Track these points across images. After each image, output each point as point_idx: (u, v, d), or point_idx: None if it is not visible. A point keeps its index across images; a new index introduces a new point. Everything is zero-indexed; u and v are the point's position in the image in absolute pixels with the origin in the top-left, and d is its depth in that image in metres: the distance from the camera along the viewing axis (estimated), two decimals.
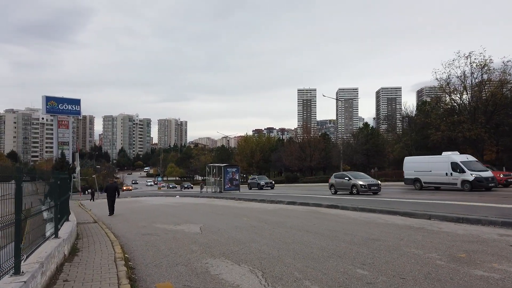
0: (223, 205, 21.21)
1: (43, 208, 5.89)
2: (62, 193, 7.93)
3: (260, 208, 17.83)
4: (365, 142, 53.42)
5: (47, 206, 6.13)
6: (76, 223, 10.35)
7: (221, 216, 15.02)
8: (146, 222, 14.22)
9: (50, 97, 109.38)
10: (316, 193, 27.86)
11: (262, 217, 13.77)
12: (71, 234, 7.42)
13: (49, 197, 6.67)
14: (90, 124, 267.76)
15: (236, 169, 35.36)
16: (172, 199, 31.96)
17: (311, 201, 18.19)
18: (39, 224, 5.22)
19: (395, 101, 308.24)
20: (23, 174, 4.21)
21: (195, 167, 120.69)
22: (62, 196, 7.83)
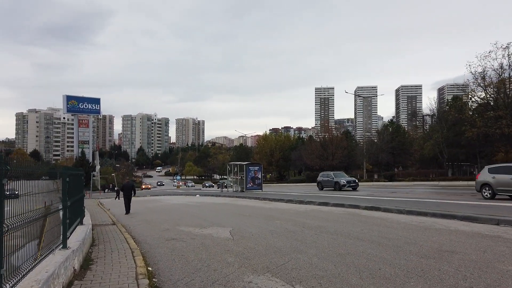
0: (248, 205, 19.84)
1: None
2: (73, 192, 6.73)
3: (289, 209, 16.38)
4: (390, 140, 51.22)
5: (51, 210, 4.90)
6: (92, 226, 9.18)
7: (250, 218, 13.64)
8: (169, 224, 12.98)
9: (70, 96, 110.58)
10: (342, 194, 26.19)
11: (297, 220, 12.32)
12: (83, 242, 6.17)
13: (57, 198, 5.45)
14: (109, 124, 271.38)
15: (259, 167, 33.96)
16: (193, 198, 30.83)
17: (347, 202, 16.62)
18: (34, 237, 3.93)
19: (415, 99, 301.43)
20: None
21: (213, 166, 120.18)
22: (73, 197, 6.62)
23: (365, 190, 30.51)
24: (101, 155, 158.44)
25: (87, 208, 21.59)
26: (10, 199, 3.58)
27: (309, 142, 72.30)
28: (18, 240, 3.45)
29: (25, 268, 3.47)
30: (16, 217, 3.44)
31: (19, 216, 3.54)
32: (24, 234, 3.57)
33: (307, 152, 62.88)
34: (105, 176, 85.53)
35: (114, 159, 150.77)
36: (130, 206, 18.78)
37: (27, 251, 3.59)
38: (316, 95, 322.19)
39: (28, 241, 3.69)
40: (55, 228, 5.24)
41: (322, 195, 23.81)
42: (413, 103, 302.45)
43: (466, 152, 38.91)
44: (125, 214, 18.12)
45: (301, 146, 71.60)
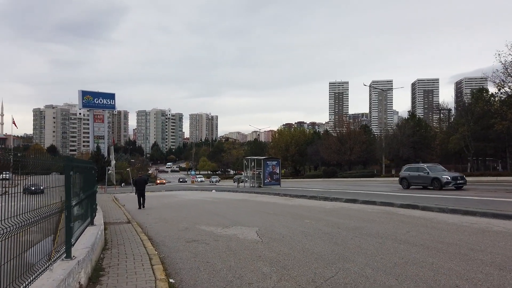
0: (269, 201, 18.76)
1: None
2: (82, 189, 5.76)
3: (315, 206, 15.23)
4: (411, 134, 49.32)
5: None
6: (104, 226, 8.23)
7: (275, 216, 12.55)
8: (188, 222, 11.99)
9: (86, 92, 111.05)
10: (368, 189, 24.85)
11: (328, 219, 11.18)
12: (93, 248, 5.18)
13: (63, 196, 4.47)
14: (124, 119, 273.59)
15: (277, 162, 32.79)
16: (209, 194, 29.93)
17: (378, 199, 15.36)
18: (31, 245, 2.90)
19: (432, 93, 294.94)
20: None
21: (227, 161, 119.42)
22: (81, 194, 5.66)
23: (388, 186, 29.11)
24: (116, 150, 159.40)
25: (101, 204, 20.87)
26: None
27: (325, 136, 70.72)
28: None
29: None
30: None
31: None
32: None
33: (324, 146, 61.39)
34: (120, 171, 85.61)
35: (129, 154, 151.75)
36: (144, 201, 18.61)
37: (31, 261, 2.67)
38: (330, 90, 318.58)
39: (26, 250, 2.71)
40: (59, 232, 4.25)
41: (346, 191, 22.55)
42: (430, 97, 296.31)
43: (495, 146, 36.97)
44: (137, 209, 18.02)
45: (317, 140, 70.07)
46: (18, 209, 3.11)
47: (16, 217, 2.97)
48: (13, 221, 2.85)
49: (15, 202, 3.15)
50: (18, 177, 3.75)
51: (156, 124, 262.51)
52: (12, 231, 2.80)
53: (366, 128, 68.59)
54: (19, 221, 2.94)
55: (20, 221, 2.98)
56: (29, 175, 3.91)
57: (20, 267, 2.86)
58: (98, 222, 7.06)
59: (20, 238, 3.00)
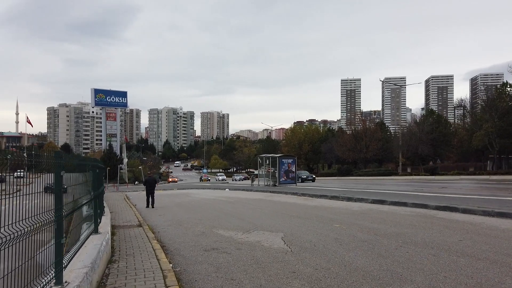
0: (288, 202, 17.66)
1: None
2: (83, 191, 4.78)
3: (339, 207, 14.08)
4: (430, 131, 47.57)
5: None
6: (111, 233, 7.26)
7: (298, 219, 11.45)
8: (204, 225, 10.98)
9: (98, 90, 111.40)
10: (389, 188, 23.57)
11: (360, 223, 10.03)
12: (93, 267, 4.15)
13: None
14: (136, 118, 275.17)
15: (293, 160, 31.61)
16: (222, 193, 28.95)
17: (408, 200, 14.14)
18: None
19: (446, 90, 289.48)
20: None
21: (238, 159, 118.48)
22: (82, 197, 4.68)
23: (410, 185, 27.74)
24: (129, 148, 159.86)
25: (111, 203, 20.00)
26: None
27: (340, 134, 69.22)
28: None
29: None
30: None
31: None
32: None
33: (339, 144, 59.99)
34: (132, 169, 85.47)
35: (141, 152, 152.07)
36: (154, 200, 18.52)
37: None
38: (342, 87, 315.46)
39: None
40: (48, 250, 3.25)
41: (368, 191, 21.31)
42: (444, 94, 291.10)
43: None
44: (146, 207, 18.10)
45: (332, 138, 68.67)
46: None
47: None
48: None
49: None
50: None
51: (167, 122, 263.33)
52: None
53: (382, 125, 66.84)
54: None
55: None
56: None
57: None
58: (104, 229, 6.08)
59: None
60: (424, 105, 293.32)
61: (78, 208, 4.37)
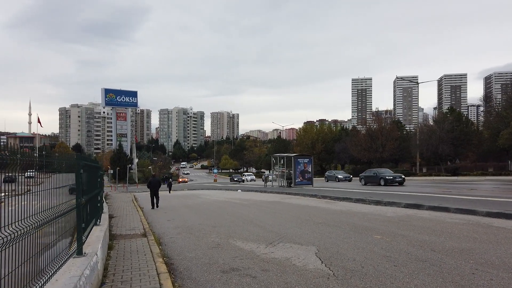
0: (308, 205, 16.06)
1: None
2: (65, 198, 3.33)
3: (371, 213, 12.45)
4: (451, 129, 45.40)
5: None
6: (107, 247, 5.79)
7: (327, 227, 9.86)
8: (218, 234, 9.48)
9: (108, 90, 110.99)
10: (413, 190, 21.78)
11: (404, 234, 8.40)
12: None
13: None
14: (147, 118, 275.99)
15: (309, 159, 29.93)
16: (235, 194, 27.47)
17: (449, 204, 12.42)
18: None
19: (459, 88, 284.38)
20: None
21: (249, 159, 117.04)
22: (64, 206, 3.25)
23: (434, 186, 25.88)
24: (139, 148, 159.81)
25: (117, 206, 18.52)
26: None
27: (354, 133, 67.20)
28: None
29: None
30: None
31: None
32: None
33: (353, 143, 58.03)
34: (142, 169, 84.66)
35: (151, 152, 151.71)
36: (158, 201, 18.60)
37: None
38: (353, 86, 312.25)
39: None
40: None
41: (393, 193, 19.59)
42: (457, 93, 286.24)
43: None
44: (151, 209, 17.91)
45: (345, 137, 66.69)
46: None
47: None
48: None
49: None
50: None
51: (178, 122, 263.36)
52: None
53: (399, 124, 64.61)
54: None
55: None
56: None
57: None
58: (92, 248, 4.59)
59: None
60: (437, 105, 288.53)
61: (62, 215, 2.91)
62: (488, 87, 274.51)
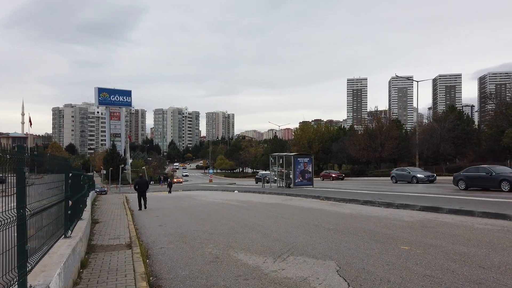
0: (313, 207, 14.80)
1: None
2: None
3: (387, 217, 11.21)
4: (452, 128, 44.42)
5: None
6: (80, 265, 4.49)
7: (342, 235, 8.59)
8: (216, 243, 8.18)
9: (102, 89, 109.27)
10: (419, 190, 20.62)
11: (435, 244, 7.16)
12: None
13: None
14: (142, 118, 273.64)
15: (309, 159, 28.68)
16: (232, 195, 26.17)
17: (473, 208, 11.20)
18: None
19: (454, 89, 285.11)
20: None
21: (244, 159, 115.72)
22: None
23: (439, 187, 24.73)
24: (133, 149, 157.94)
25: (105, 209, 16.56)
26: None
27: (352, 132, 66.10)
28: None
29: None
30: None
31: None
32: None
33: (351, 143, 56.90)
34: (136, 169, 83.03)
35: (146, 152, 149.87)
36: (146, 202, 18.09)
37: None
38: (348, 87, 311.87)
39: None
40: None
41: (401, 194, 18.39)
42: (452, 93, 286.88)
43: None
44: (138, 210, 17.47)
45: (343, 137, 65.55)
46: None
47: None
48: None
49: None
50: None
51: (173, 122, 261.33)
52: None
53: (398, 123, 63.57)
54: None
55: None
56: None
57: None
58: (44, 279, 3.28)
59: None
60: (432, 105, 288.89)
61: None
62: (482, 87, 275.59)
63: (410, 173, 30.80)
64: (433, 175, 29.61)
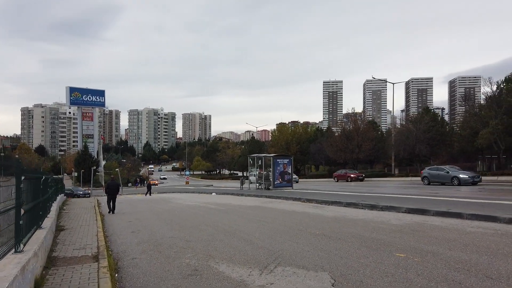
0: (295, 210, 14.24)
1: None
2: None
3: (373, 220, 10.75)
4: (427, 129, 45.09)
5: None
6: (38, 278, 3.75)
7: (330, 241, 8.02)
8: (195, 252, 7.43)
9: (74, 88, 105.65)
10: (397, 192, 20.53)
11: (431, 250, 6.68)
12: None
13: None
14: (116, 119, 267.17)
15: (289, 160, 28.18)
16: (209, 198, 25.33)
17: (461, 210, 10.88)
18: None
19: (426, 92, 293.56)
20: None
21: (222, 160, 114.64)
22: None
23: (418, 188, 24.80)
24: (107, 150, 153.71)
25: (73, 214, 14.52)
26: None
27: (330, 133, 66.34)
28: None
29: None
30: None
31: None
32: None
33: (329, 144, 57.02)
34: (109, 172, 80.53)
35: (120, 154, 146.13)
36: (115, 206, 17.48)
37: None
38: (324, 89, 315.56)
39: None
40: None
41: (383, 196, 18.14)
42: (424, 96, 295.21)
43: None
44: (108, 213, 17.10)
45: (321, 138, 65.72)
46: None
47: None
48: None
49: None
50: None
51: (148, 123, 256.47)
52: None
53: (374, 124, 64.27)
54: None
55: None
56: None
57: None
58: None
59: None
60: (404, 107, 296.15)
61: None
62: (452, 91, 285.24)
63: (449, 172, 26.59)
64: (478, 176, 26.12)
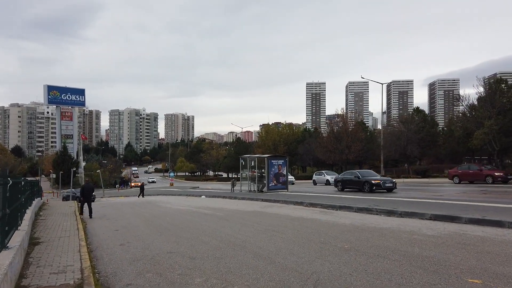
0: (303, 217, 12.82)
1: None
2: None
3: (401, 230, 9.42)
4: (417, 130, 44.63)
5: None
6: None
7: (368, 258, 6.62)
8: (206, 278, 5.90)
9: (52, 87, 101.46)
10: (405, 196, 19.40)
11: (508, 273, 5.34)
12: None
13: None
14: (96, 119, 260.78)
15: (284, 161, 26.77)
16: (200, 201, 23.68)
17: (504, 218, 9.67)
18: None
19: (406, 94, 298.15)
20: None
21: (206, 161, 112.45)
22: None
23: (418, 190, 23.80)
24: (87, 151, 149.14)
25: (51, 221, 12.22)
26: None
27: (319, 134, 65.42)
28: None
29: None
30: None
31: None
32: None
33: (318, 145, 56.06)
34: (90, 173, 77.48)
35: (101, 155, 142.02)
36: (91, 210, 16.58)
37: None
38: (307, 90, 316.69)
39: None
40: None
41: (389, 199, 16.94)
42: (405, 98, 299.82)
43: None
44: (80, 214, 16.89)
45: (309, 139, 64.71)
46: None
47: None
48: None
49: None
50: None
51: (129, 124, 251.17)
52: None
53: (363, 125, 63.71)
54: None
55: None
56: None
57: None
58: None
59: None
60: (386, 109, 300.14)
61: None
62: (432, 93, 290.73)
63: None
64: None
